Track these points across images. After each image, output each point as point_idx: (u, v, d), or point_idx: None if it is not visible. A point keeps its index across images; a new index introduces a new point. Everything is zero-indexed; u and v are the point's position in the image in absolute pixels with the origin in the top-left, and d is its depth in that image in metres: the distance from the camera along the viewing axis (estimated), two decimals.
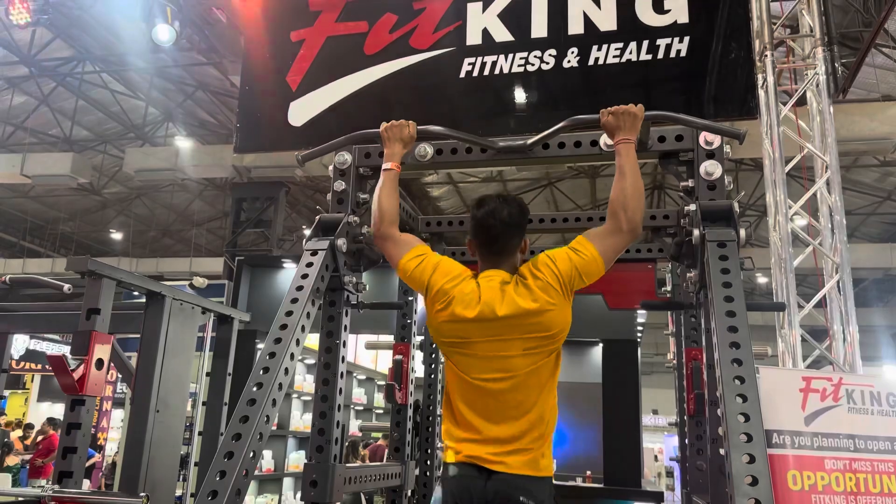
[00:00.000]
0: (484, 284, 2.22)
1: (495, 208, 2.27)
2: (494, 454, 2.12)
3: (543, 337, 2.16)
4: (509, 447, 2.13)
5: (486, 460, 2.12)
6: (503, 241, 2.27)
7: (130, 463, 3.51)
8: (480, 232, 2.30)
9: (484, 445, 2.14)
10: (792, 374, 3.03)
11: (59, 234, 18.72)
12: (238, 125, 5.24)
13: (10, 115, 12.99)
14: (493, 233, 2.27)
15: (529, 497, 2.08)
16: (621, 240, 2.23)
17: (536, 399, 2.17)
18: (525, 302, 2.14)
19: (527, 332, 2.15)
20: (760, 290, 17.52)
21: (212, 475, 1.91)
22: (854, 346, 4.49)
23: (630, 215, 2.21)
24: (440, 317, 2.23)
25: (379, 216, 2.45)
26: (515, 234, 2.29)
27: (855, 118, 8.44)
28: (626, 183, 2.25)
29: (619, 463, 6.83)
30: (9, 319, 4.55)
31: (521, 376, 2.16)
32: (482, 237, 2.30)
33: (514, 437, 2.13)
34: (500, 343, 2.16)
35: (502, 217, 2.25)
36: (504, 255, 2.28)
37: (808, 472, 2.40)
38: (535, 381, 2.17)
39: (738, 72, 4.31)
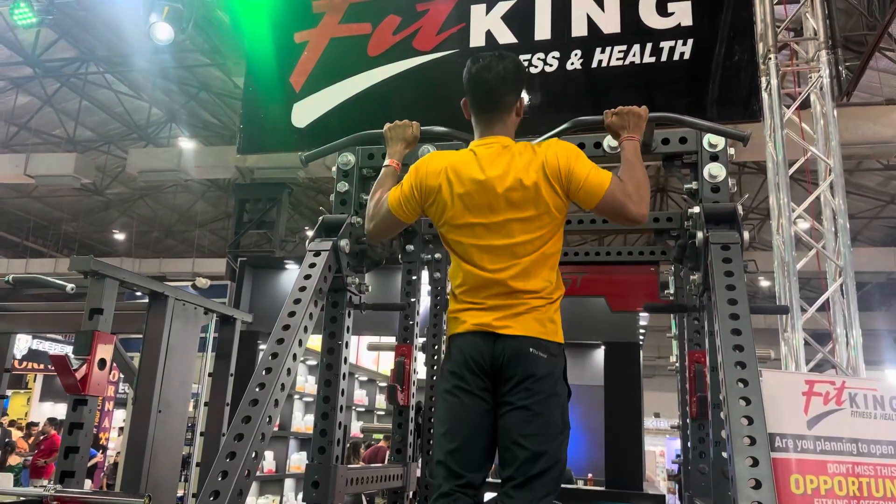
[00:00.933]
0: (481, 151, 2.19)
1: (490, 63, 2.22)
2: (500, 318, 2.08)
3: (539, 214, 2.13)
4: (514, 307, 2.09)
5: (493, 325, 2.08)
6: (497, 97, 2.22)
7: (132, 463, 3.51)
8: (475, 88, 2.24)
9: (489, 313, 2.10)
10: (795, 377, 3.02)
11: (62, 234, 18.75)
12: (241, 126, 5.25)
13: (13, 115, 13.01)
14: (487, 87, 2.21)
15: (539, 349, 2.06)
16: (626, 210, 2.14)
17: (538, 259, 2.12)
18: (526, 173, 2.11)
19: (524, 204, 2.11)
20: (763, 294, 17.48)
21: (214, 475, 1.91)
22: (857, 349, 4.48)
23: (637, 200, 2.15)
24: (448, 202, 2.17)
25: (373, 207, 2.38)
26: (511, 89, 2.24)
27: (858, 121, 8.42)
28: (633, 170, 2.21)
29: (620, 466, 6.83)
30: (11, 319, 4.56)
31: (527, 239, 2.12)
32: (476, 93, 2.25)
33: (521, 301, 2.09)
34: (502, 210, 2.12)
35: (497, 71, 2.21)
36: (499, 112, 2.23)
37: (811, 475, 2.40)
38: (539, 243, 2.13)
39: (742, 74, 4.31)
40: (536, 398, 2.03)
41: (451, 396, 2.12)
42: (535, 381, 2.04)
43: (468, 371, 2.10)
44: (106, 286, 3.19)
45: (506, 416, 2.06)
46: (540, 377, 2.05)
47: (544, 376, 2.05)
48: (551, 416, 2.04)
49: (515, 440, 2.02)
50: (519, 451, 2.00)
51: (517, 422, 2.03)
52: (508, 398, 2.06)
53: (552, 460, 2.01)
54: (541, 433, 2.01)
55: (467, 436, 2.08)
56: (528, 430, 2.01)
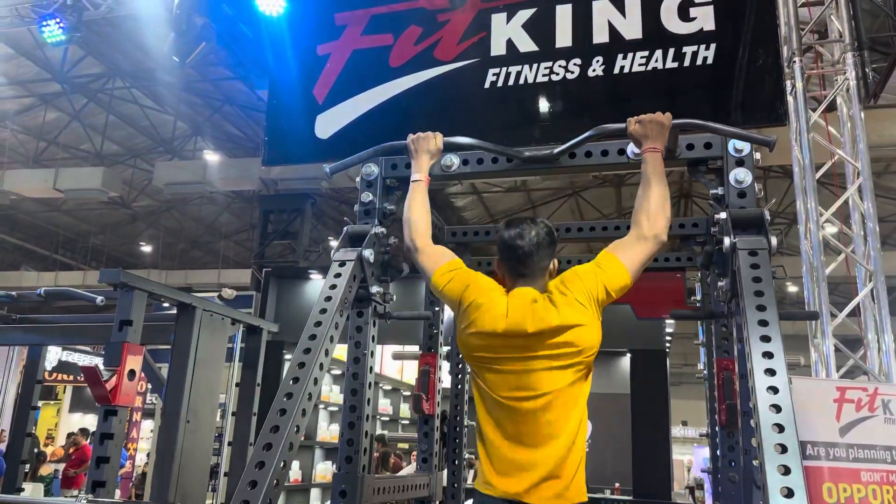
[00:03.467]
0: (513, 301, 2.21)
1: (523, 230, 2.27)
2: (526, 489, 2.10)
3: (572, 353, 2.14)
4: (541, 477, 2.10)
5: (519, 494, 2.10)
6: (531, 263, 2.27)
7: (161, 473, 3.55)
8: (509, 253, 2.29)
9: (517, 480, 2.12)
10: (826, 384, 2.98)
11: (90, 247, 19.05)
12: (266, 138, 5.30)
13: (43, 130, 13.27)
14: (521, 254, 2.26)
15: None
16: (646, 248, 2.22)
17: (567, 419, 2.14)
18: (553, 318, 2.13)
19: (555, 349, 2.13)
20: (791, 300, 17.23)
21: (243, 485, 1.92)
22: (890, 355, 4.40)
23: (652, 223, 2.20)
24: (469, 330, 2.22)
25: (411, 228, 2.46)
26: (544, 255, 2.28)
27: (886, 123, 8.30)
28: (650, 191, 2.24)
29: (648, 475, 6.76)
30: (43, 331, 4.64)
31: (550, 394, 2.13)
32: (510, 259, 2.29)
33: (546, 465, 2.11)
34: (529, 360, 2.15)
35: (530, 238, 2.25)
36: (532, 276, 2.27)
37: (844, 484, 2.36)
38: (564, 399, 2.15)
39: (766, 78, 4.27)
40: None
41: None
42: None
43: None
44: (135, 298, 3.24)
45: None
46: None
47: None
48: None
49: None
50: None
51: None
52: None
53: None
54: None
55: None
56: None
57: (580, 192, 14.75)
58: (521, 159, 2.76)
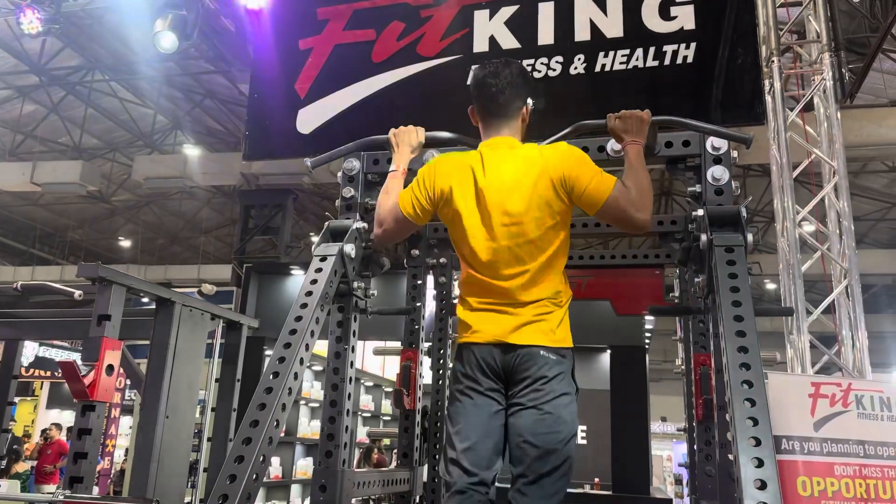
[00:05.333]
0: (487, 152, 2.22)
1: (496, 69, 2.26)
2: (511, 329, 2.11)
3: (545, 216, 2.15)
4: (523, 317, 2.12)
5: (505, 337, 2.12)
6: (504, 101, 2.25)
7: (140, 469, 3.53)
8: (481, 93, 2.28)
9: (499, 322, 2.13)
10: (801, 379, 3.03)
11: (68, 241, 18.82)
12: (247, 133, 5.28)
13: (20, 123, 13.09)
14: (493, 91, 2.25)
15: (550, 352, 2.10)
16: (629, 215, 2.15)
17: (543, 259, 2.15)
18: (531, 175, 2.14)
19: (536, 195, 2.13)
20: (769, 297, 17.43)
21: (222, 479, 1.92)
22: (863, 351, 4.47)
23: (640, 207, 2.17)
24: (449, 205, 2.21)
25: (381, 219, 2.41)
26: (517, 94, 2.27)
27: (863, 123, 8.42)
28: (637, 177, 2.22)
29: (627, 470, 6.81)
30: (19, 326, 4.59)
31: (526, 223, 2.13)
32: (483, 98, 2.28)
33: (529, 313, 2.12)
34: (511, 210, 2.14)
35: (504, 76, 2.25)
36: (505, 117, 2.27)
37: (818, 477, 2.40)
38: (540, 232, 2.15)
39: (745, 77, 4.32)
40: (547, 398, 2.08)
41: (463, 397, 2.17)
42: (545, 382, 2.09)
43: (480, 373, 2.14)
44: (113, 292, 3.21)
45: (516, 416, 2.10)
46: (550, 378, 2.09)
47: (554, 377, 2.10)
48: (561, 415, 2.09)
49: (527, 439, 2.06)
50: (530, 450, 2.05)
51: (528, 421, 2.07)
52: (519, 399, 2.11)
53: (562, 458, 2.06)
54: (551, 432, 2.06)
55: (479, 435, 2.12)
56: (539, 429, 2.06)
57: None
58: None
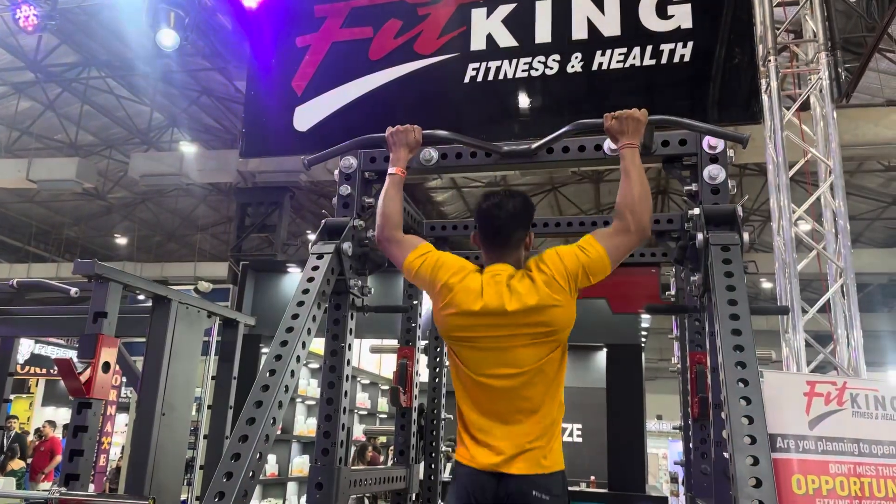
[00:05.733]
0: (488, 279, 2.24)
1: (500, 201, 2.30)
2: (506, 459, 2.13)
3: (548, 332, 2.18)
4: (520, 450, 2.14)
5: (498, 465, 2.14)
6: (507, 234, 2.29)
7: (136, 466, 3.53)
8: (485, 224, 2.32)
9: (496, 453, 2.15)
10: (796, 378, 3.03)
11: (64, 238, 18.77)
12: (244, 130, 5.28)
13: (15, 120, 13.04)
14: (497, 224, 2.29)
15: (542, 491, 2.11)
16: (628, 240, 2.24)
17: (544, 397, 2.19)
18: (530, 297, 2.16)
19: (532, 328, 2.17)
20: (765, 296, 17.47)
21: (218, 476, 1.92)
22: (858, 350, 4.49)
23: (637, 217, 2.23)
24: (446, 311, 2.25)
25: (383, 220, 2.47)
26: (520, 226, 2.31)
27: (859, 123, 8.44)
28: (631, 185, 2.26)
29: (623, 468, 6.83)
30: (15, 323, 4.58)
31: (527, 373, 2.17)
32: (487, 229, 2.32)
33: (524, 439, 2.15)
34: (506, 338, 2.18)
35: (507, 209, 2.28)
36: (508, 248, 2.30)
37: (813, 476, 2.40)
38: (542, 378, 2.19)
39: (742, 76, 4.33)
40: None
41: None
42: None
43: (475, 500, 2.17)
44: (110, 290, 3.21)
45: None
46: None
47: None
48: None
49: None
50: None
51: None
52: None
53: None
54: None
55: None
56: None
57: (559, 188, 14.82)
58: (499, 154, 2.77)
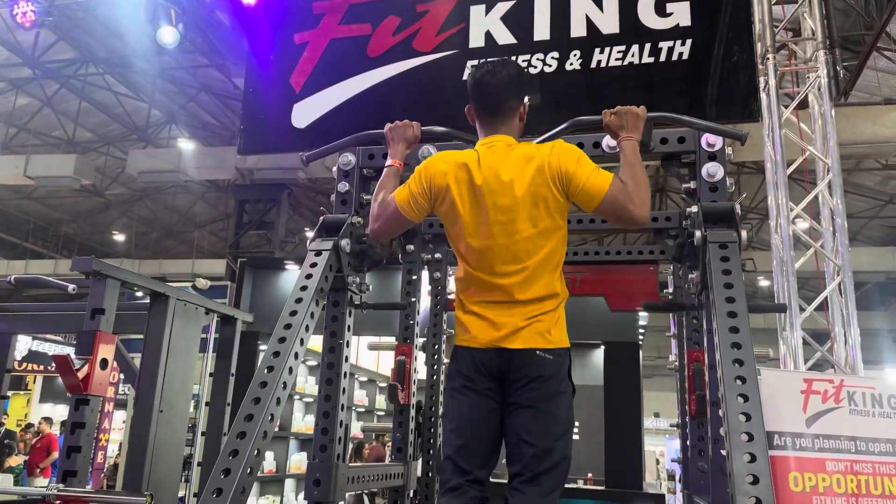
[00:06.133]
0: (484, 150, 2.22)
1: (493, 68, 2.28)
2: (507, 333, 2.12)
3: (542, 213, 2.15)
4: (523, 323, 2.12)
5: (501, 341, 2.12)
6: (501, 100, 2.26)
7: (134, 463, 3.52)
8: (478, 92, 2.29)
9: (497, 328, 2.13)
10: (793, 375, 3.03)
11: (61, 235, 18.75)
12: (242, 127, 5.26)
13: (13, 116, 13.02)
14: (491, 90, 2.26)
15: (545, 352, 2.11)
16: (628, 212, 2.14)
17: (543, 253, 2.15)
18: (527, 173, 2.13)
19: (532, 193, 2.13)
20: (762, 294, 17.49)
21: (217, 473, 1.92)
22: (855, 348, 4.50)
23: (641, 197, 2.15)
24: (445, 202, 2.22)
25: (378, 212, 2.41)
26: (513, 93, 2.28)
27: (857, 121, 8.45)
28: (633, 172, 2.21)
29: (620, 465, 6.84)
30: (13, 319, 4.57)
31: (529, 234, 2.14)
32: (480, 97, 2.29)
33: (528, 312, 2.13)
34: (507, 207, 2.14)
35: (501, 76, 2.26)
36: (502, 115, 2.27)
37: (810, 473, 2.41)
38: (542, 240, 2.15)
39: (741, 75, 4.33)
40: (543, 397, 2.09)
41: (459, 395, 2.18)
42: (541, 382, 2.10)
43: (476, 372, 2.15)
44: (108, 286, 3.20)
45: (513, 415, 2.11)
46: (546, 377, 2.10)
47: (550, 376, 2.11)
48: (557, 414, 2.10)
49: (523, 438, 2.07)
50: (527, 448, 2.06)
51: (524, 420, 2.08)
52: (515, 398, 2.11)
53: (559, 456, 2.07)
54: (547, 431, 2.07)
55: (475, 433, 2.13)
56: (535, 428, 2.07)
57: None
58: None
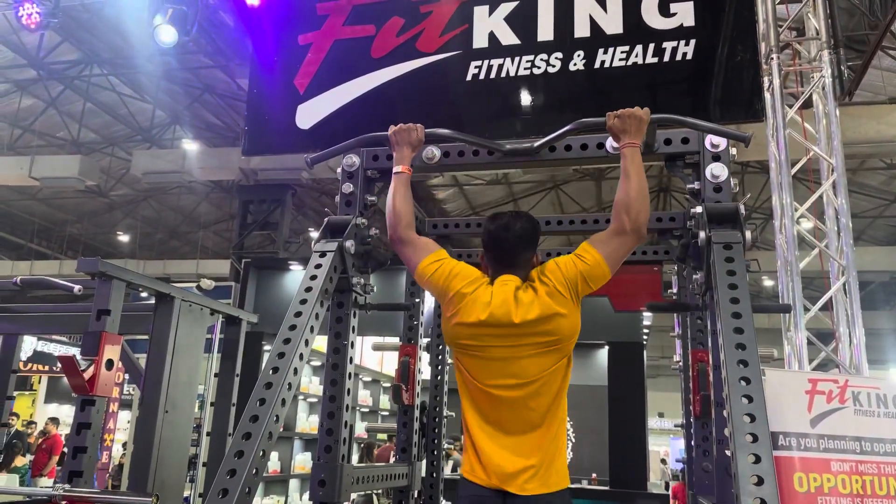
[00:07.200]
0: (498, 289, 2.26)
1: (508, 222, 2.33)
2: (512, 477, 2.14)
3: (553, 342, 2.20)
4: (523, 466, 2.15)
5: (504, 483, 2.14)
6: (515, 255, 2.32)
7: (139, 463, 3.53)
8: (493, 246, 2.35)
9: (500, 469, 2.16)
10: (798, 375, 3.03)
11: (66, 236, 18.80)
12: (246, 128, 5.28)
13: (18, 117, 13.06)
14: (506, 246, 2.32)
15: None
16: (625, 241, 2.27)
17: (549, 407, 2.21)
18: (534, 308, 2.19)
19: (537, 337, 2.19)
20: (767, 294, 17.46)
21: (222, 473, 1.93)
22: (860, 348, 4.49)
23: (633, 217, 2.24)
24: (455, 319, 2.26)
25: (395, 220, 2.48)
26: (527, 247, 2.34)
27: (861, 121, 8.42)
28: (630, 185, 2.27)
29: (625, 465, 6.84)
30: (18, 321, 4.59)
31: (533, 383, 2.19)
32: (495, 251, 2.36)
33: (528, 454, 2.16)
34: (513, 348, 2.20)
35: (514, 231, 2.32)
36: (516, 268, 2.32)
37: (815, 473, 2.41)
38: (547, 389, 2.21)
39: (744, 74, 4.32)
40: None
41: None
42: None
43: None
44: (113, 287, 3.22)
45: None
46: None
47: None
48: None
49: None
50: None
51: None
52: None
53: None
54: None
55: None
56: None
57: (561, 186, 14.82)
58: (501, 152, 2.77)
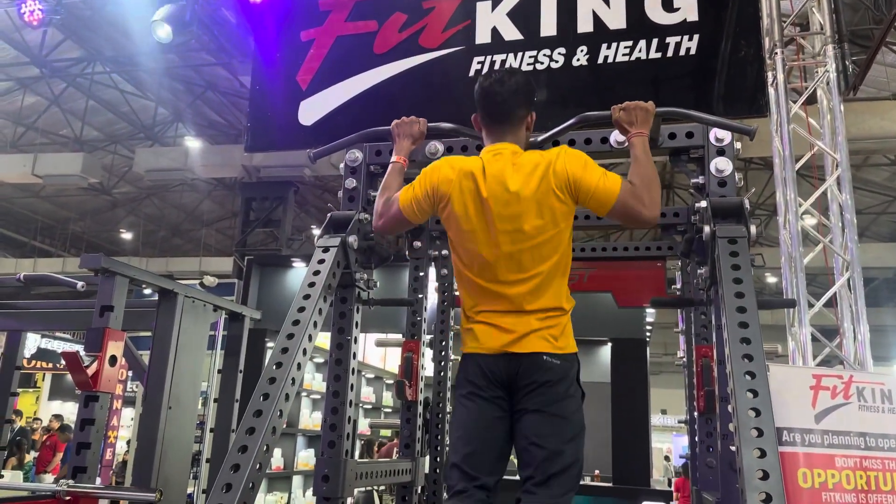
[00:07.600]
0: (490, 158, 2.21)
1: (501, 77, 2.27)
2: (514, 339, 2.12)
3: (547, 222, 2.15)
4: (526, 327, 2.12)
5: (508, 348, 2.12)
6: (508, 110, 2.25)
7: (142, 459, 3.54)
8: (485, 101, 2.28)
9: (505, 332, 2.13)
10: (802, 371, 3.02)
11: (69, 233, 18.82)
12: (248, 125, 5.28)
13: (21, 115, 13.07)
14: (498, 100, 2.25)
15: (553, 357, 2.11)
16: (639, 213, 2.14)
17: (550, 263, 2.15)
18: (533, 181, 2.13)
19: (538, 202, 2.13)
20: (770, 290, 17.43)
21: (226, 469, 1.93)
22: (865, 344, 4.47)
23: (652, 196, 2.15)
24: (448, 210, 2.22)
25: (380, 212, 2.43)
26: (521, 103, 2.27)
27: (865, 116, 8.40)
28: (645, 169, 2.21)
29: (628, 462, 6.84)
30: (22, 317, 4.59)
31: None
32: (487, 107, 2.28)
33: (534, 319, 2.13)
34: (513, 217, 2.14)
35: (509, 85, 2.25)
36: (509, 124, 2.26)
37: (819, 469, 2.40)
38: (549, 250, 2.15)
39: (748, 69, 4.31)
40: (551, 401, 2.09)
41: (467, 401, 2.18)
42: (549, 386, 2.09)
43: (484, 380, 2.15)
44: (117, 283, 3.22)
45: (522, 420, 2.11)
46: (554, 382, 2.10)
47: (558, 381, 2.11)
48: (566, 417, 2.09)
49: (533, 441, 2.07)
50: (537, 451, 2.05)
51: (533, 424, 2.08)
52: (524, 403, 2.12)
53: (570, 459, 2.06)
54: (557, 433, 2.06)
55: (482, 440, 2.13)
56: (544, 431, 2.06)
57: None
58: None
